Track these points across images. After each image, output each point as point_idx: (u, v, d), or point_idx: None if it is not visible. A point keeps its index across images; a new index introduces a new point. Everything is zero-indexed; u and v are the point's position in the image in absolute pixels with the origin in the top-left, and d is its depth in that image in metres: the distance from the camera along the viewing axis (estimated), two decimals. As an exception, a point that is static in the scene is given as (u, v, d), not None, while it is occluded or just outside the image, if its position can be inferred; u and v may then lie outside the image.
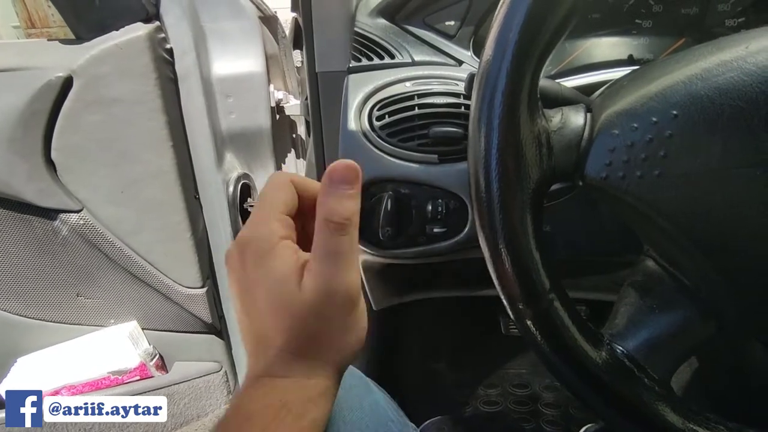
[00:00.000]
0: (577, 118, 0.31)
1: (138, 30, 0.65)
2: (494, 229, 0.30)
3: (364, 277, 0.60)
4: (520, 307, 0.30)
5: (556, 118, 0.31)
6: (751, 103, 0.26)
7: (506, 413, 0.95)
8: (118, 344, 0.83)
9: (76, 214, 0.73)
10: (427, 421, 0.89)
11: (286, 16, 0.90)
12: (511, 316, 0.31)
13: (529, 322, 0.30)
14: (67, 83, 0.64)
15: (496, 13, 0.29)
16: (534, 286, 0.29)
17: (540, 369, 1.03)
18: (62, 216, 0.73)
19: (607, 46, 0.54)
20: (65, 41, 0.66)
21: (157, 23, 0.69)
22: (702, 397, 0.65)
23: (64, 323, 0.85)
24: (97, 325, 0.86)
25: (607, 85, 0.36)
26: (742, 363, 0.55)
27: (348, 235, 0.26)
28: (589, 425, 0.87)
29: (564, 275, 0.57)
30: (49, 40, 0.68)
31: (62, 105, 0.65)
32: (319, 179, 0.63)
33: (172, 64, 0.71)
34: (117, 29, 0.65)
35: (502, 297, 0.31)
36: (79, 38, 0.66)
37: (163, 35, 0.69)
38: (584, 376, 0.29)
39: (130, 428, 0.85)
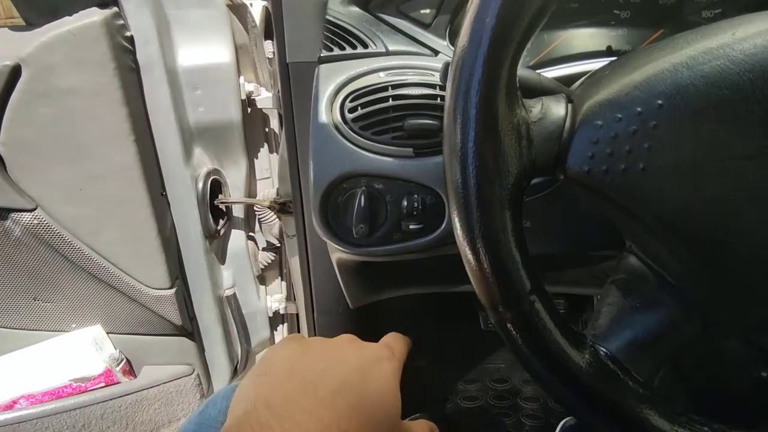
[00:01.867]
0: (558, 108, 0.30)
1: (93, 16, 0.61)
2: (471, 227, 0.28)
3: (339, 275, 0.58)
4: (500, 309, 0.28)
5: (536, 108, 0.30)
6: (737, 91, 0.24)
7: (486, 408, 0.95)
8: (81, 350, 0.79)
9: (29, 213, 0.68)
10: (407, 418, 0.88)
11: (258, 8, 0.87)
12: (491, 319, 0.29)
13: (509, 326, 0.28)
14: (14, 72, 0.60)
15: None
16: (514, 287, 0.28)
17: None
18: (13, 215, 0.69)
19: (585, 37, 0.54)
20: (14, 28, 0.62)
21: (115, 9, 0.64)
22: (680, 395, 0.66)
23: (21, 329, 0.80)
24: (58, 330, 0.81)
25: (588, 74, 0.35)
26: (719, 362, 0.55)
27: None
28: (568, 418, 0.88)
29: (543, 269, 0.57)
30: (-3, 26, 0.63)
31: (10, 96, 0.61)
32: (292, 175, 0.60)
33: (132, 53, 0.67)
34: (70, 14, 0.60)
35: (481, 299, 0.29)
36: (29, 24, 0.61)
37: (122, 22, 0.65)
38: (567, 380, 0.28)
39: (96, 438, 0.81)
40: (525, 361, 0.29)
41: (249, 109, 0.86)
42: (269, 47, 0.86)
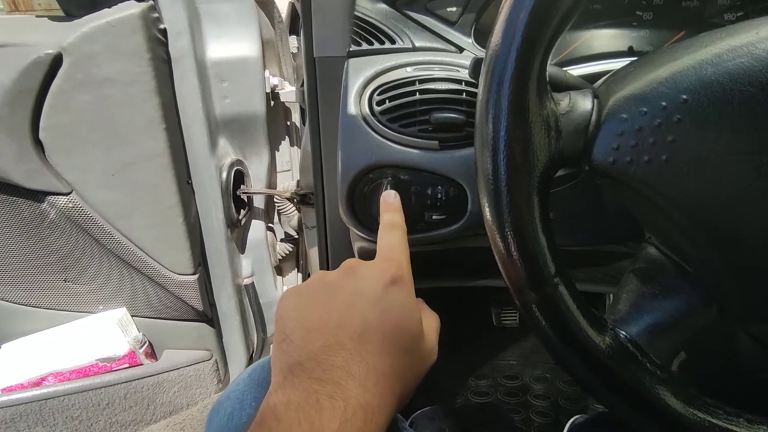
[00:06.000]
0: (585, 102, 0.31)
1: (131, 8, 0.63)
2: (500, 213, 0.29)
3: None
4: (525, 291, 0.30)
5: (564, 102, 0.31)
6: (761, 88, 0.26)
7: (497, 404, 0.96)
8: (107, 331, 0.82)
9: (64, 197, 0.71)
10: (418, 411, 0.89)
11: (282, 3, 0.89)
12: (516, 301, 0.31)
13: (533, 307, 0.30)
14: (56, 61, 0.62)
15: None
16: (540, 270, 0.29)
17: (531, 360, 1.04)
18: (50, 198, 0.71)
19: (607, 37, 0.54)
20: (54, 18, 0.64)
21: (151, 2, 0.67)
22: (688, 382, 0.66)
23: (51, 309, 0.83)
24: (86, 312, 0.84)
25: (613, 71, 0.36)
26: (730, 349, 0.56)
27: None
28: (577, 416, 0.89)
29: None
30: (37, 17, 0.66)
31: (51, 83, 0.63)
32: (314, 168, 0.62)
33: (165, 44, 0.69)
34: (109, 7, 0.63)
35: (507, 282, 0.31)
36: (69, 15, 0.64)
37: (156, 15, 0.67)
38: (588, 361, 0.29)
39: (119, 416, 0.84)
40: (547, 342, 0.30)
41: (272, 103, 0.88)
42: (294, 42, 0.88)
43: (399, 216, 0.39)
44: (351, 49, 0.53)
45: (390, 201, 0.41)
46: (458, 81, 0.47)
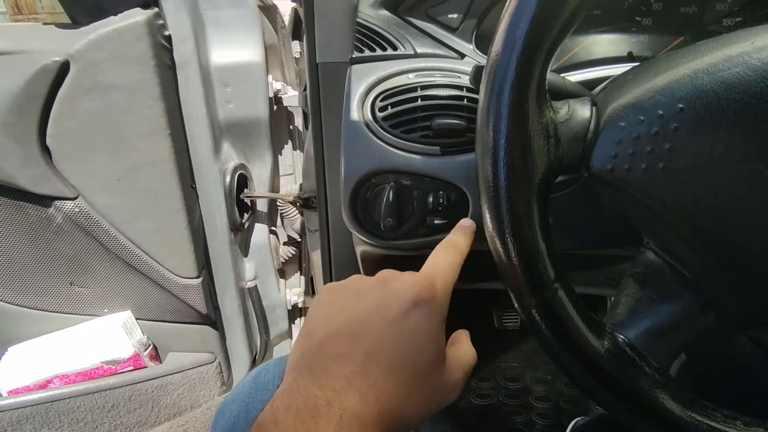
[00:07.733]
0: (583, 110, 0.32)
1: (136, 15, 0.64)
2: (501, 219, 0.30)
3: (362, 269, 0.60)
4: (525, 296, 0.30)
5: (563, 110, 0.32)
6: (755, 97, 0.26)
7: (498, 406, 0.96)
8: (112, 334, 0.83)
9: (71, 202, 0.72)
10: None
11: (285, 8, 0.90)
12: (516, 306, 0.31)
13: (533, 312, 0.30)
14: (63, 68, 0.63)
15: (507, 4, 0.29)
16: (539, 275, 0.30)
17: (532, 362, 1.04)
18: (57, 203, 0.73)
19: (606, 43, 0.55)
20: (61, 25, 0.65)
21: (156, 9, 0.68)
22: (688, 385, 0.66)
23: (57, 312, 0.84)
24: (91, 315, 0.85)
25: (611, 79, 0.36)
26: (729, 352, 0.56)
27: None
28: (579, 418, 0.89)
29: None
30: (44, 24, 0.67)
31: (58, 90, 0.64)
32: (317, 172, 0.62)
33: (170, 51, 0.70)
34: (115, 14, 0.64)
35: (507, 287, 0.31)
36: (76, 22, 0.65)
37: (161, 22, 0.68)
38: (587, 365, 0.30)
39: (124, 418, 0.84)
40: (547, 346, 0.31)
41: (275, 107, 0.88)
42: (296, 47, 0.89)
43: (464, 239, 0.36)
44: (353, 56, 0.54)
45: (465, 224, 0.38)
46: (459, 87, 0.48)
